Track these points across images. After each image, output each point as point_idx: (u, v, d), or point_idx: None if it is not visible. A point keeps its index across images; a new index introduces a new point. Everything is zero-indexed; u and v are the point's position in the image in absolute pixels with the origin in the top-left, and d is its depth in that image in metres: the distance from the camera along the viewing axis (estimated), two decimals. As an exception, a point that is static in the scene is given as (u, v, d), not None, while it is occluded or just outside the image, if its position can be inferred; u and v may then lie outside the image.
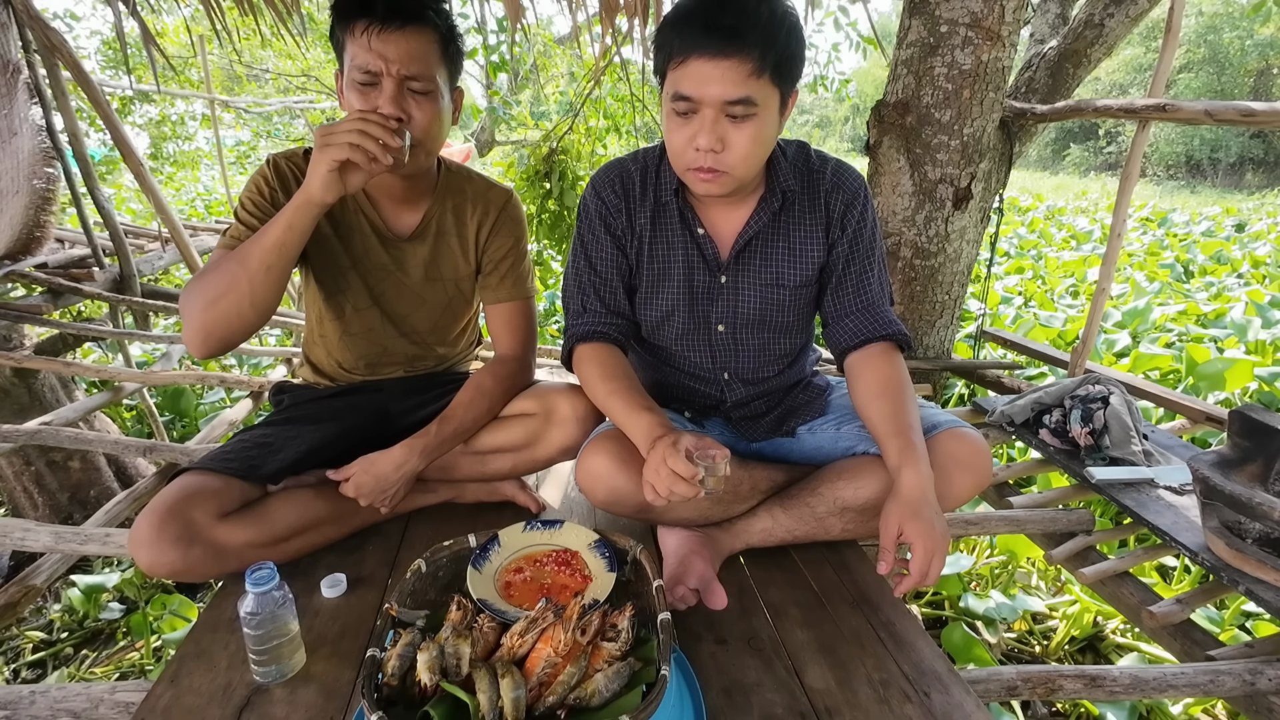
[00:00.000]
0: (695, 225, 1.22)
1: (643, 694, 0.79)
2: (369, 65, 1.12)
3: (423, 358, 1.47)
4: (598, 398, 1.23)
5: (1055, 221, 9.91)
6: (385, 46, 1.12)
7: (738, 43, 0.97)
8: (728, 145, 1.04)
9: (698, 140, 1.03)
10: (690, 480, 0.96)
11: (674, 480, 0.96)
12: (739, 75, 0.98)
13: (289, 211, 1.09)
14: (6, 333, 2.68)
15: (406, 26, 1.12)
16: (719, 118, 1.02)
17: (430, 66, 1.16)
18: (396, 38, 1.11)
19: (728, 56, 0.97)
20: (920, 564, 0.99)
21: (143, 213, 7.86)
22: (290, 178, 1.24)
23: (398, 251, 1.33)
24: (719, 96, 1.00)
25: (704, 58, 0.98)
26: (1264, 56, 19.99)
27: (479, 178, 1.39)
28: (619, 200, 1.24)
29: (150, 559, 1.06)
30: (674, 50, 1.01)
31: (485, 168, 9.47)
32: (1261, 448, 1.41)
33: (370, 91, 1.13)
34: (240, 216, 1.22)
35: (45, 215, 2.65)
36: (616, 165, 1.27)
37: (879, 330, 1.23)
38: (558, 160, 5.23)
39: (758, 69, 0.99)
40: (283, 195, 1.22)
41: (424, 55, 1.15)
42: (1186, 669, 1.19)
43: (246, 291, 1.09)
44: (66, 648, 2.15)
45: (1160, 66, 2.06)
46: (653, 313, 1.29)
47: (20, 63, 2.53)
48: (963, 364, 2.64)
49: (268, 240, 1.09)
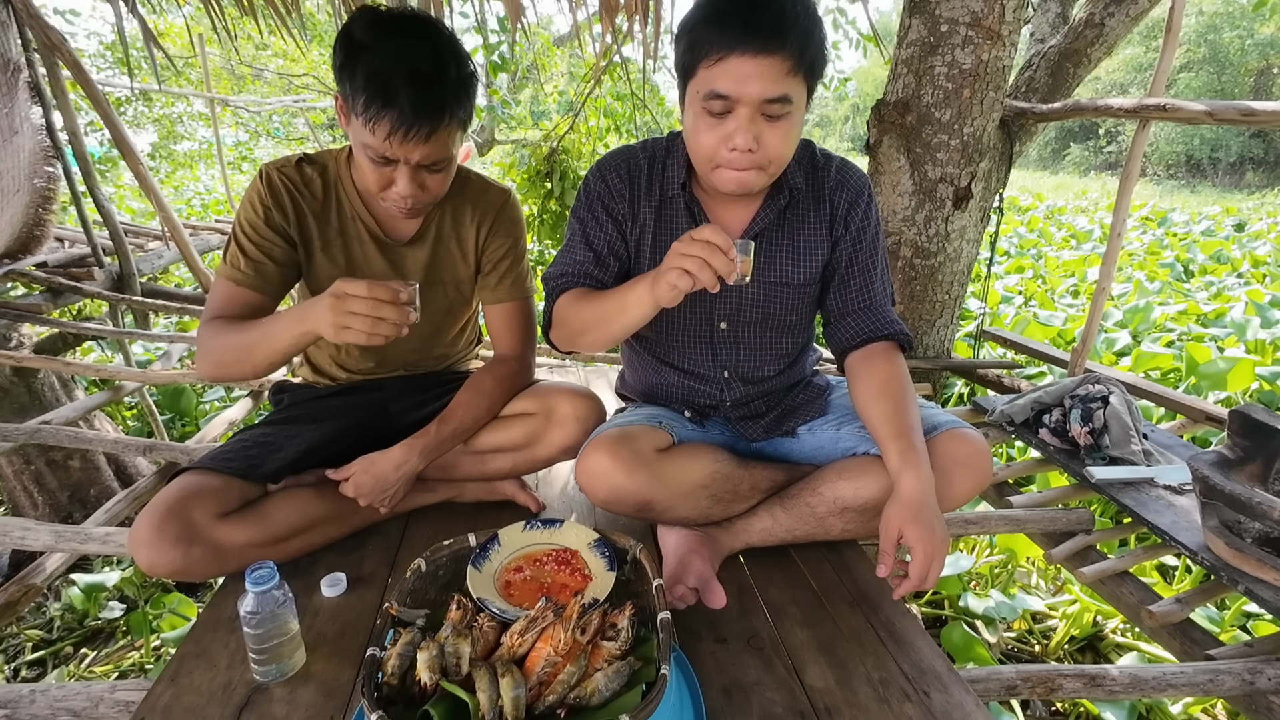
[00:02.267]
0: (701, 220, 1.22)
1: (642, 693, 0.79)
2: (386, 154, 1.09)
3: (423, 359, 1.47)
4: (587, 314, 1.16)
5: (1055, 221, 9.91)
6: (404, 150, 1.08)
7: (779, 40, 0.95)
8: (763, 144, 1.03)
9: (735, 140, 1.02)
10: (725, 250, 0.91)
11: (710, 251, 0.91)
12: (779, 73, 0.97)
13: (295, 329, 1.07)
14: (6, 332, 2.68)
15: (436, 131, 1.08)
16: (755, 116, 1.01)
17: (448, 148, 1.13)
18: (423, 142, 1.08)
19: (769, 54, 0.96)
20: (919, 567, 0.99)
21: (143, 212, 7.85)
22: (283, 191, 1.22)
23: (397, 257, 1.32)
24: (758, 95, 0.98)
25: (745, 55, 0.96)
26: (1264, 56, 19.98)
27: (477, 178, 1.38)
28: (624, 186, 1.23)
29: (150, 559, 1.06)
30: (710, 47, 0.98)
31: (485, 167, 9.47)
32: (1261, 447, 1.41)
33: (385, 168, 1.11)
34: (239, 240, 1.21)
35: (45, 214, 2.66)
36: (625, 152, 1.25)
37: (881, 330, 1.23)
38: (558, 160, 5.23)
39: (795, 67, 0.98)
40: (277, 214, 1.21)
41: (444, 143, 1.12)
42: (1186, 668, 1.19)
43: (250, 372, 1.16)
44: (66, 646, 2.15)
45: (1160, 66, 2.06)
46: None
47: (20, 61, 2.53)
48: (962, 363, 2.64)
49: (275, 348, 1.10)
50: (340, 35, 1.07)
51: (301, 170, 1.24)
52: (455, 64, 1.09)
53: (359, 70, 1.04)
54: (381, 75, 1.02)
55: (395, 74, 1.02)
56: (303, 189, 1.24)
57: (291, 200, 1.23)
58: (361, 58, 1.04)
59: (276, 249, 1.22)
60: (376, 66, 1.03)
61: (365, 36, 1.04)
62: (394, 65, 1.03)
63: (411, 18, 1.09)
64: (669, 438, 1.24)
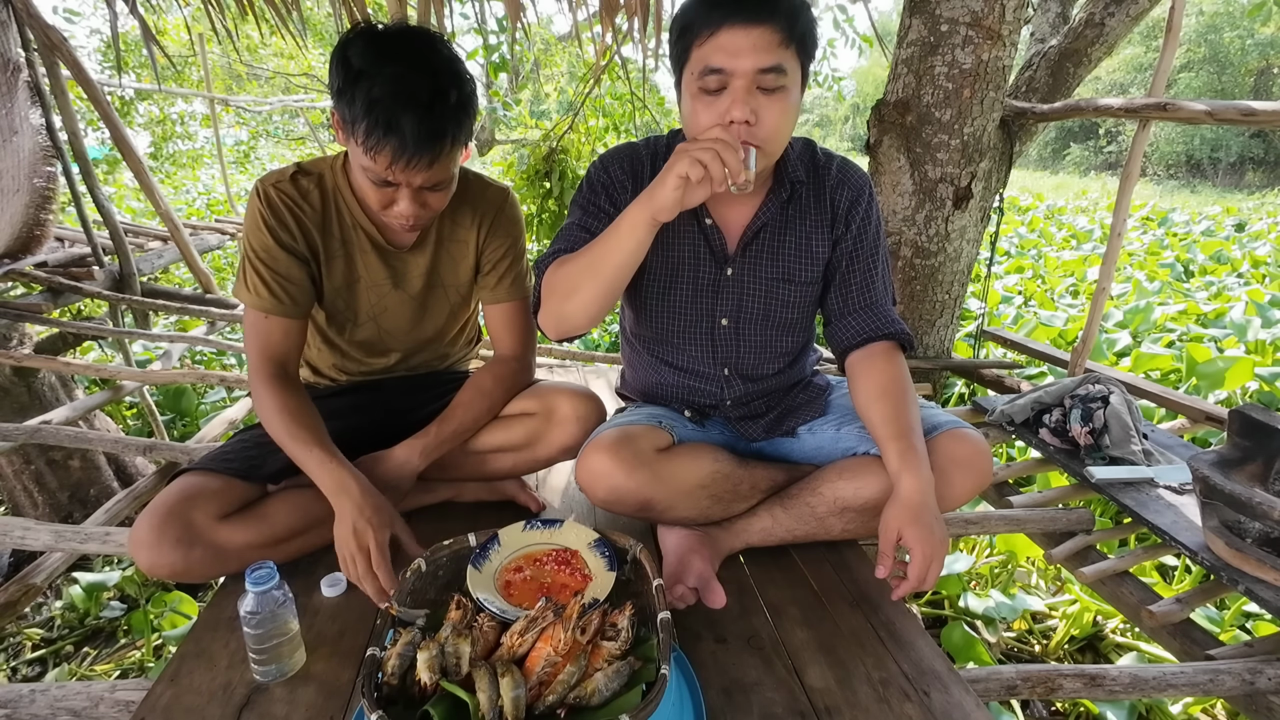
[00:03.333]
0: (704, 215, 1.22)
1: (642, 693, 0.79)
2: (388, 179, 1.08)
3: (423, 360, 1.47)
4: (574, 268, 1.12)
5: (1055, 221, 9.90)
6: (406, 176, 1.07)
7: (768, 9, 0.99)
8: (760, 118, 1.03)
9: (731, 113, 1.02)
10: (736, 148, 0.94)
11: (724, 146, 0.93)
12: (771, 42, 0.99)
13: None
14: (6, 331, 2.68)
15: (438, 159, 1.07)
16: (751, 89, 1.02)
17: (449, 170, 1.13)
18: (425, 169, 1.07)
19: (760, 24, 0.98)
20: (918, 569, 0.99)
21: (142, 211, 7.85)
22: (283, 207, 1.20)
23: (399, 263, 1.32)
24: (752, 66, 1.00)
25: (736, 27, 0.99)
26: (1264, 56, 19.96)
27: (476, 178, 1.37)
28: (626, 179, 1.23)
29: (150, 560, 1.06)
30: (701, 26, 1.01)
31: (485, 167, 9.47)
32: (1261, 447, 1.41)
33: (386, 189, 1.11)
34: (255, 267, 1.19)
35: (45, 214, 2.66)
36: (628, 147, 1.27)
37: (881, 329, 1.23)
38: (557, 160, 5.23)
39: (786, 38, 1.00)
40: (283, 231, 1.19)
41: (446, 166, 1.11)
42: (1186, 668, 1.19)
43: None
44: (67, 646, 2.15)
45: (1161, 66, 2.06)
46: (655, 303, 1.28)
47: (20, 61, 2.53)
48: (963, 363, 2.64)
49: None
50: (337, 56, 1.05)
51: (297, 183, 1.22)
52: (456, 87, 1.07)
53: (358, 98, 1.02)
54: (382, 105, 1.01)
55: (396, 103, 1.01)
56: (301, 203, 1.22)
57: (293, 215, 1.21)
58: (360, 85, 1.02)
59: (294, 267, 1.21)
60: (376, 95, 1.01)
61: (363, 62, 1.02)
62: (394, 94, 1.01)
63: (410, 38, 1.06)
64: (669, 437, 1.24)
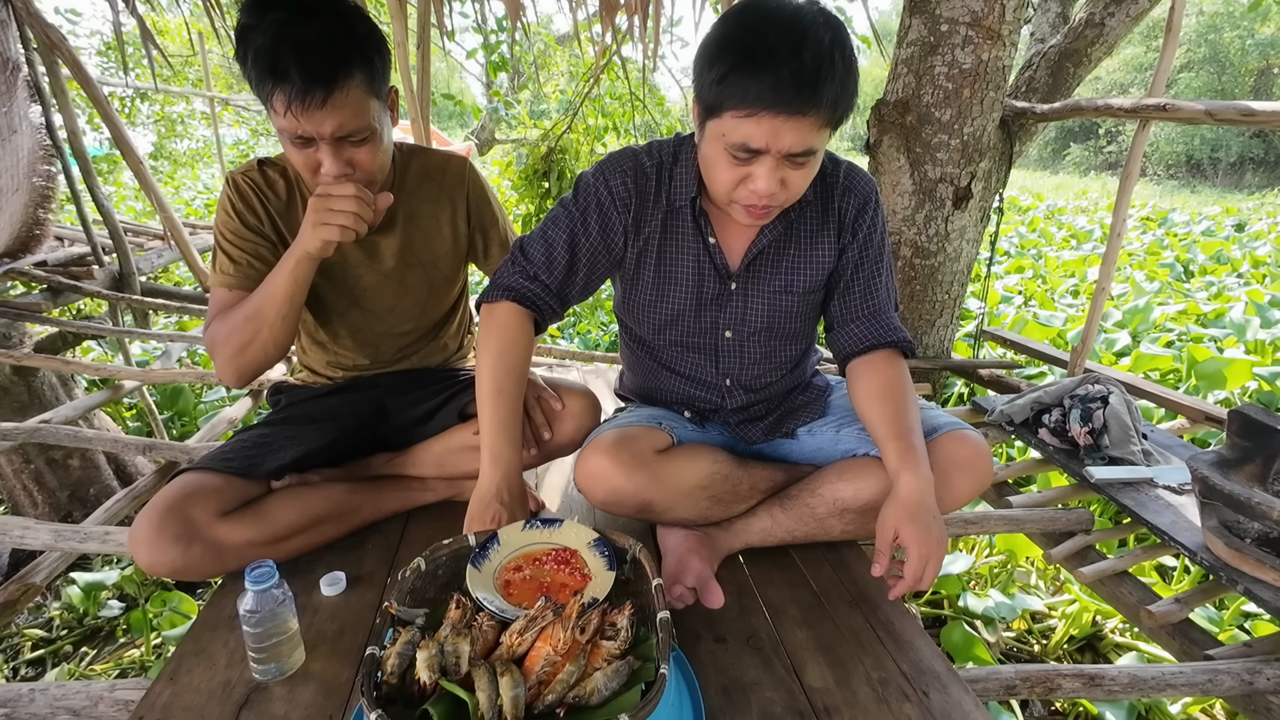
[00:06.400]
0: (708, 234, 1.20)
1: (642, 692, 0.79)
2: (298, 131, 1.06)
3: (416, 343, 1.47)
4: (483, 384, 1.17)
5: (1055, 221, 9.91)
6: (311, 121, 1.05)
7: (815, 100, 0.92)
8: (785, 185, 1.02)
9: (757, 184, 0.99)
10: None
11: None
12: (810, 129, 0.95)
13: (290, 267, 1.13)
14: (6, 330, 2.68)
15: (331, 94, 1.03)
16: (780, 164, 0.99)
17: (365, 115, 1.10)
18: (320, 108, 1.04)
19: (805, 115, 0.93)
20: (915, 568, 0.99)
21: (142, 211, 7.85)
22: (250, 193, 1.24)
23: (369, 246, 1.33)
24: (788, 149, 0.96)
25: (779, 115, 0.93)
26: (1264, 56, 19.96)
27: (431, 151, 1.38)
28: (630, 197, 1.18)
29: (150, 558, 1.06)
30: (743, 98, 0.93)
31: (485, 167, 9.48)
32: (1261, 447, 1.41)
33: (307, 149, 1.09)
34: (223, 247, 1.23)
35: (45, 213, 2.66)
36: (631, 157, 1.19)
37: (884, 337, 1.22)
38: (556, 159, 5.23)
39: (829, 121, 0.96)
40: (250, 216, 1.23)
41: (356, 109, 1.07)
42: (1185, 668, 1.19)
43: (269, 338, 1.18)
44: (66, 645, 2.15)
45: (1161, 66, 2.06)
46: (657, 316, 1.26)
47: (20, 60, 2.53)
48: (962, 363, 2.64)
49: (278, 295, 1.15)
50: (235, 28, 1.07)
51: (264, 172, 1.26)
52: (343, 23, 1.05)
53: (248, 53, 1.02)
54: (265, 50, 1.01)
55: (279, 45, 1.01)
56: (266, 191, 1.25)
57: (260, 201, 1.24)
58: (247, 39, 1.03)
59: (262, 247, 1.24)
60: (262, 44, 1.01)
61: (248, 17, 1.03)
62: (277, 38, 1.01)
63: None
64: (668, 438, 1.24)
